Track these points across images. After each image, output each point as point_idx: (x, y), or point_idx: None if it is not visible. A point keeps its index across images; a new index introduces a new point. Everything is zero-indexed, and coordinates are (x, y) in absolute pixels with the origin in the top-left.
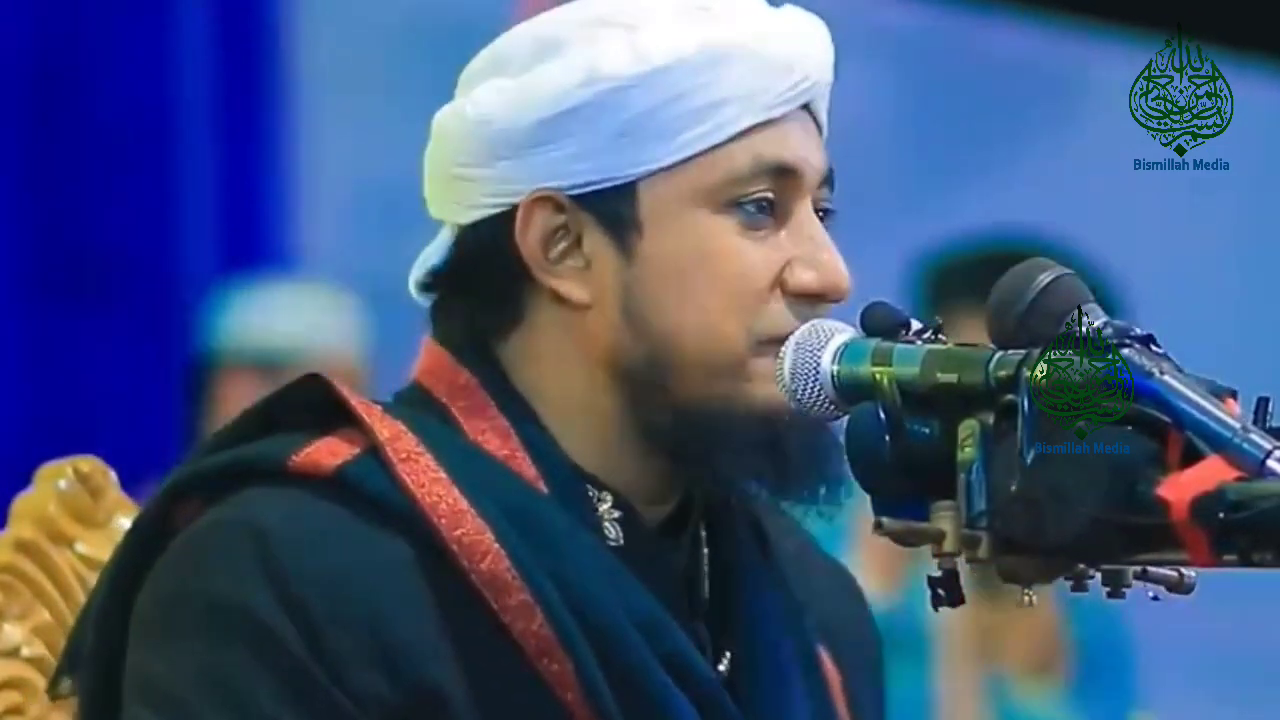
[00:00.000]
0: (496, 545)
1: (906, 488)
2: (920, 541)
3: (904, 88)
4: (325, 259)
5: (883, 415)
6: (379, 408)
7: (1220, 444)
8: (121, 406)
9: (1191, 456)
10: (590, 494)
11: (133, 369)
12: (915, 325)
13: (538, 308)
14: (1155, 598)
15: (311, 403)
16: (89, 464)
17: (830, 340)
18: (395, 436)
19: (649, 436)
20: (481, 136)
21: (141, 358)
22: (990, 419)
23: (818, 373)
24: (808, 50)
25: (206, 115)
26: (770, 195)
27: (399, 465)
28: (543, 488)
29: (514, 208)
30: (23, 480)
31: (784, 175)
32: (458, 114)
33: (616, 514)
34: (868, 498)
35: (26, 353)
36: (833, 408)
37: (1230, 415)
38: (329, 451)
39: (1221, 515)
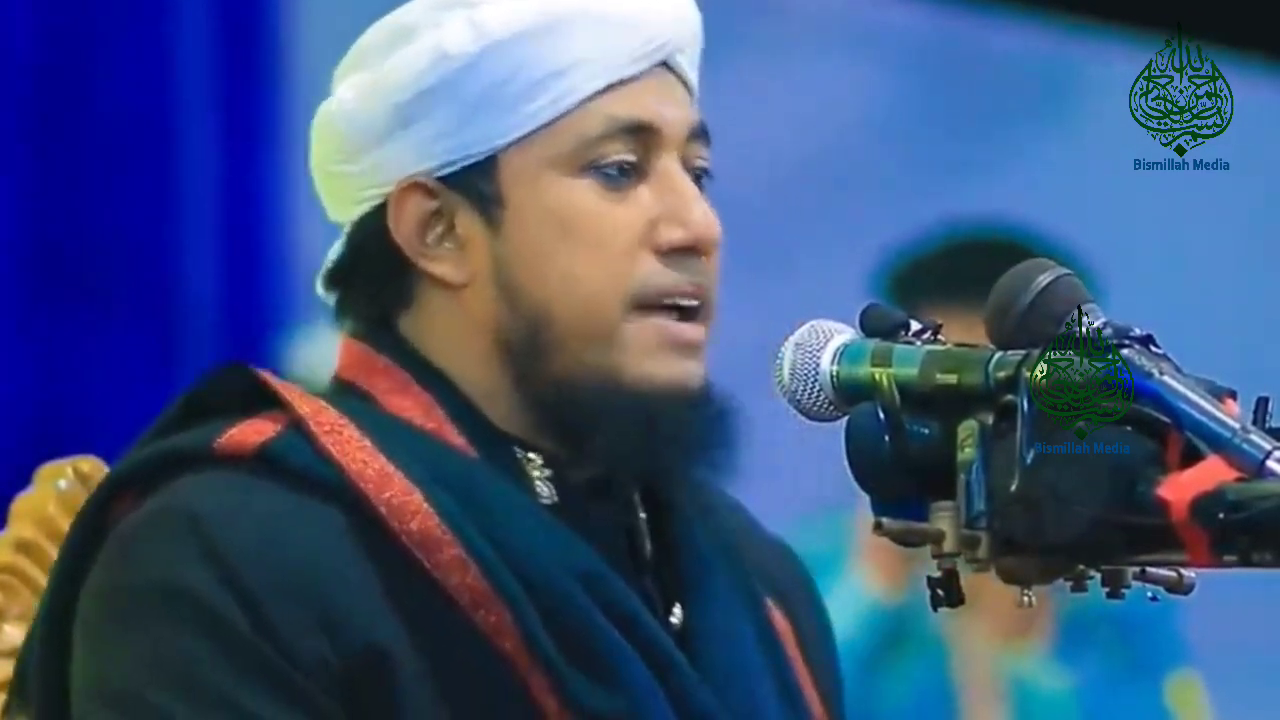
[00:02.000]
0: (425, 505)
1: (906, 488)
2: (920, 541)
3: (903, 87)
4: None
5: (882, 415)
6: (300, 388)
7: (1220, 444)
8: (121, 406)
9: (1191, 456)
10: (518, 455)
11: (133, 369)
12: (914, 326)
13: (425, 292)
14: (1154, 598)
15: (235, 390)
16: (89, 464)
17: (830, 341)
18: (317, 411)
19: (537, 411)
20: (348, 133)
21: (141, 358)
22: (990, 419)
23: (817, 373)
24: (659, 7)
25: (207, 115)
26: (629, 156)
27: (323, 437)
28: (472, 453)
29: (388, 199)
30: (23, 480)
31: (641, 133)
32: (326, 113)
33: (548, 473)
34: (868, 498)
35: (26, 353)
36: (832, 408)
37: (1230, 415)
38: (253, 431)
39: (1221, 515)
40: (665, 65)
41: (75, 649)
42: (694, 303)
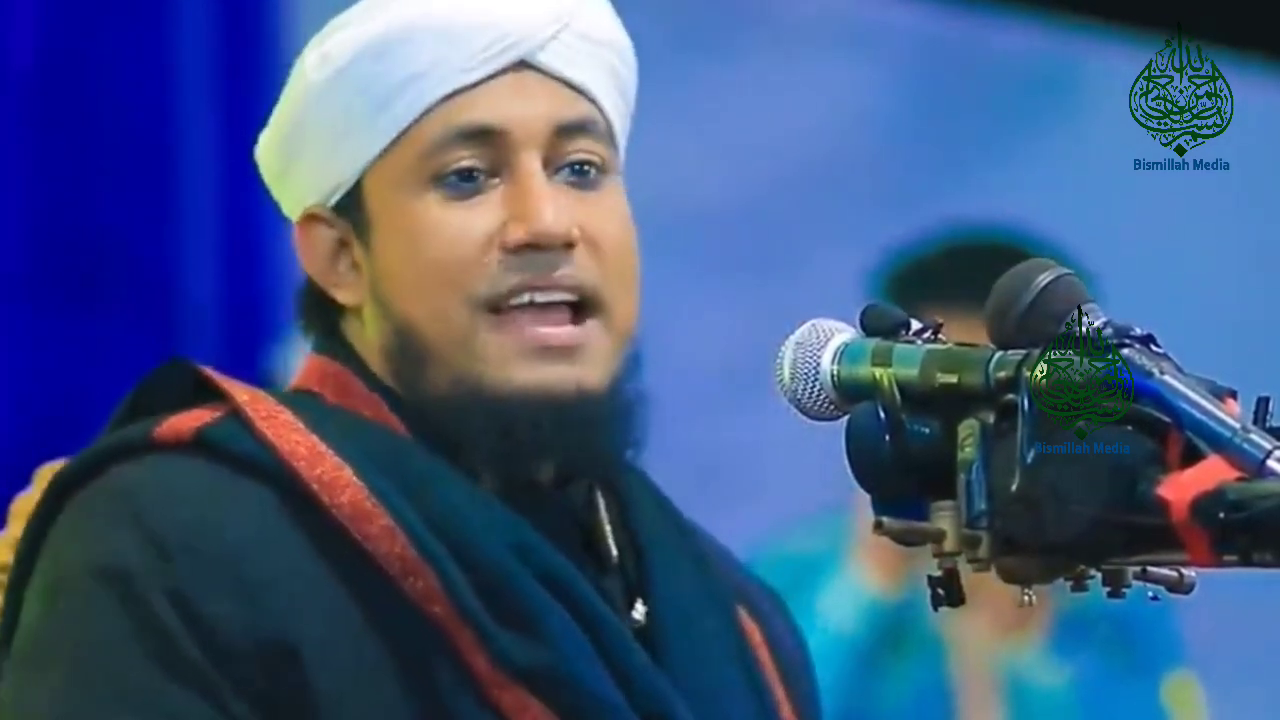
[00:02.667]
0: (356, 480)
1: (906, 488)
2: (920, 541)
3: (903, 87)
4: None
5: (883, 415)
6: (242, 383)
7: (1220, 444)
8: None
9: (1191, 456)
10: (464, 448)
11: (133, 369)
12: (915, 325)
13: (344, 313)
14: (1155, 598)
15: (178, 387)
16: None
17: (830, 340)
18: (254, 399)
19: (429, 422)
20: (262, 168)
21: (142, 358)
22: (990, 419)
23: (818, 372)
24: (511, 5)
25: (207, 115)
26: (474, 162)
27: (259, 422)
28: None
29: None
30: (23, 480)
31: (486, 137)
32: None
33: (492, 465)
34: (867, 497)
35: (26, 353)
36: (832, 407)
37: (1230, 415)
38: (190, 418)
39: (1221, 515)
40: (526, 64)
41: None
42: (554, 297)
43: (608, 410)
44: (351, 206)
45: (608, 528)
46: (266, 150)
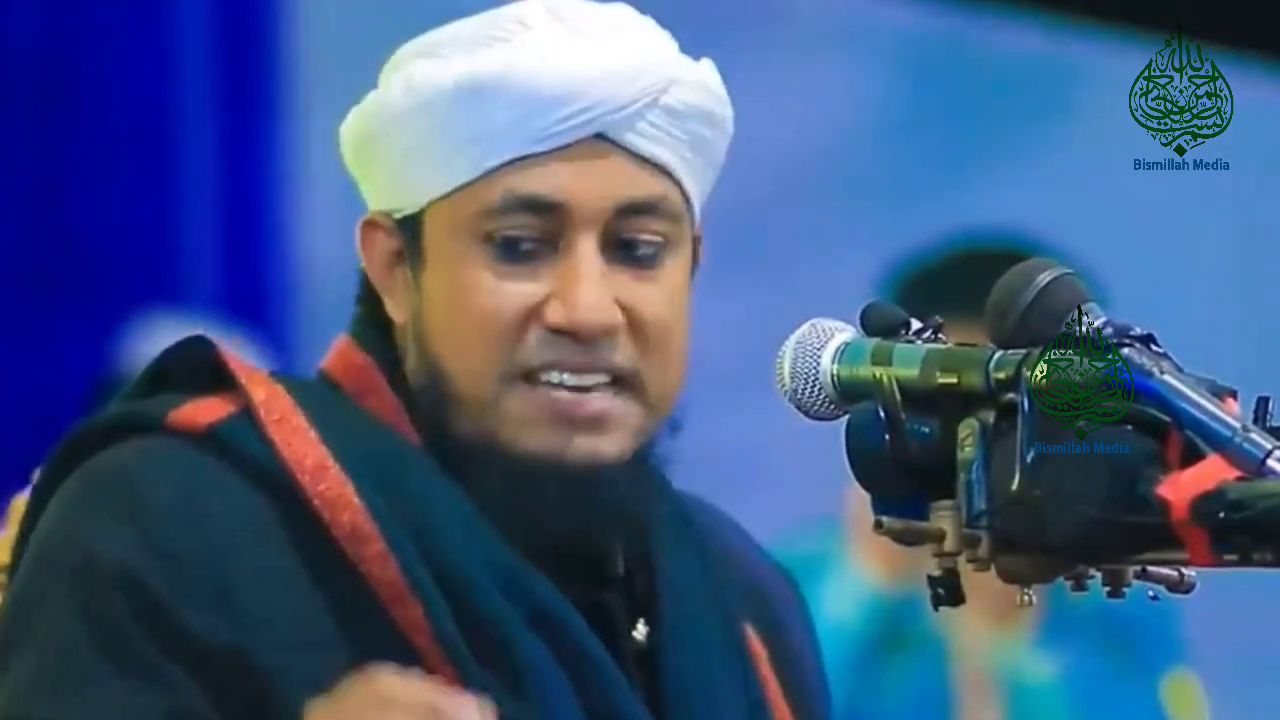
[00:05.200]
0: (357, 500)
1: (906, 487)
2: (920, 541)
3: (903, 87)
4: (325, 259)
5: (883, 415)
6: (263, 372)
7: (1220, 444)
8: None
9: (1191, 456)
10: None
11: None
12: (915, 325)
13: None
14: (1155, 597)
15: (198, 364)
16: None
17: (830, 340)
18: (271, 398)
19: (445, 458)
20: (347, 158)
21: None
22: (990, 419)
23: (818, 373)
24: (600, 77)
25: (207, 114)
26: (530, 232)
27: (269, 425)
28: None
29: None
30: (22, 480)
31: (546, 210)
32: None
33: (502, 518)
34: (857, 494)
35: (26, 352)
36: (833, 407)
37: (1230, 415)
38: (206, 409)
39: (1221, 515)
40: (603, 137)
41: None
42: (587, 381)
43: (623, 479)
44: (411, 231)
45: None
46: (348, 142)
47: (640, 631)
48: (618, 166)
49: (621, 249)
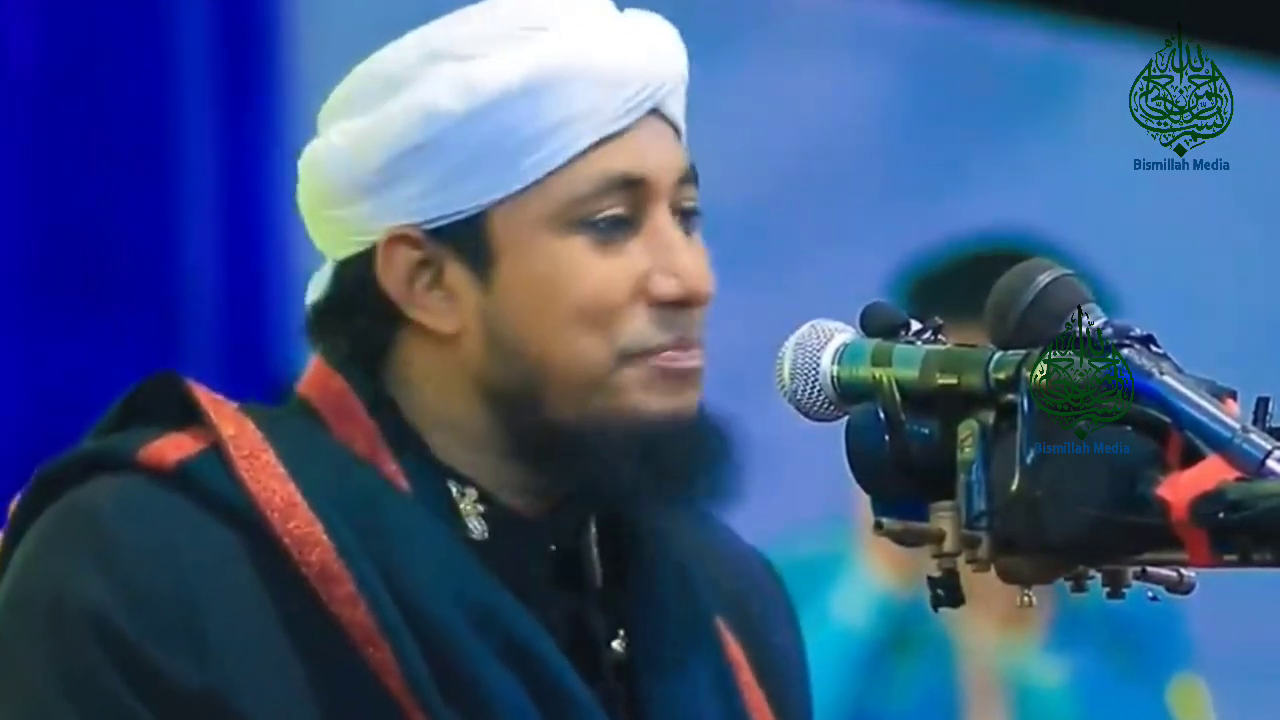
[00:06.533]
0: (326, 538)
1: (906, 488)
2: (920, 542)
3: (903, 87)
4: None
5: (882, 415)
6: (233, 406)
7: (1220, 444)
8: None
9: (1191, 456)
10: (453, 489)
11: (135, 370)
12: (915, 325)
13: (409, 337)
14: (1154, 598)
15: (169, 398)
16: None
17: (830, 340)
18: (239, 434)
19: (523, 453)
20: (337, 179)
21: (142, 358)
22: (990, 419)
23: (817, 373)
24: (649, 55)
25: (207, 115)
26: (620, 210)
27: (238, 462)
28: (402, 483)
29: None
30: (23, 480)
31: (633, 186)
32: (314, 157)
33: (481, 508)
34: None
35: (26, 352)
36: (832, 408)
37: (1230, 415)
38: (174, 446)
39: (1221, 515)
40: (655, 111)
41: None
42: (689, 364)
43: (718, 429)
44: (463, 236)
45: (595, 551)
46: (353, 160)
47: (618, 644)
48: (670, 138)
49: (677, 218)
